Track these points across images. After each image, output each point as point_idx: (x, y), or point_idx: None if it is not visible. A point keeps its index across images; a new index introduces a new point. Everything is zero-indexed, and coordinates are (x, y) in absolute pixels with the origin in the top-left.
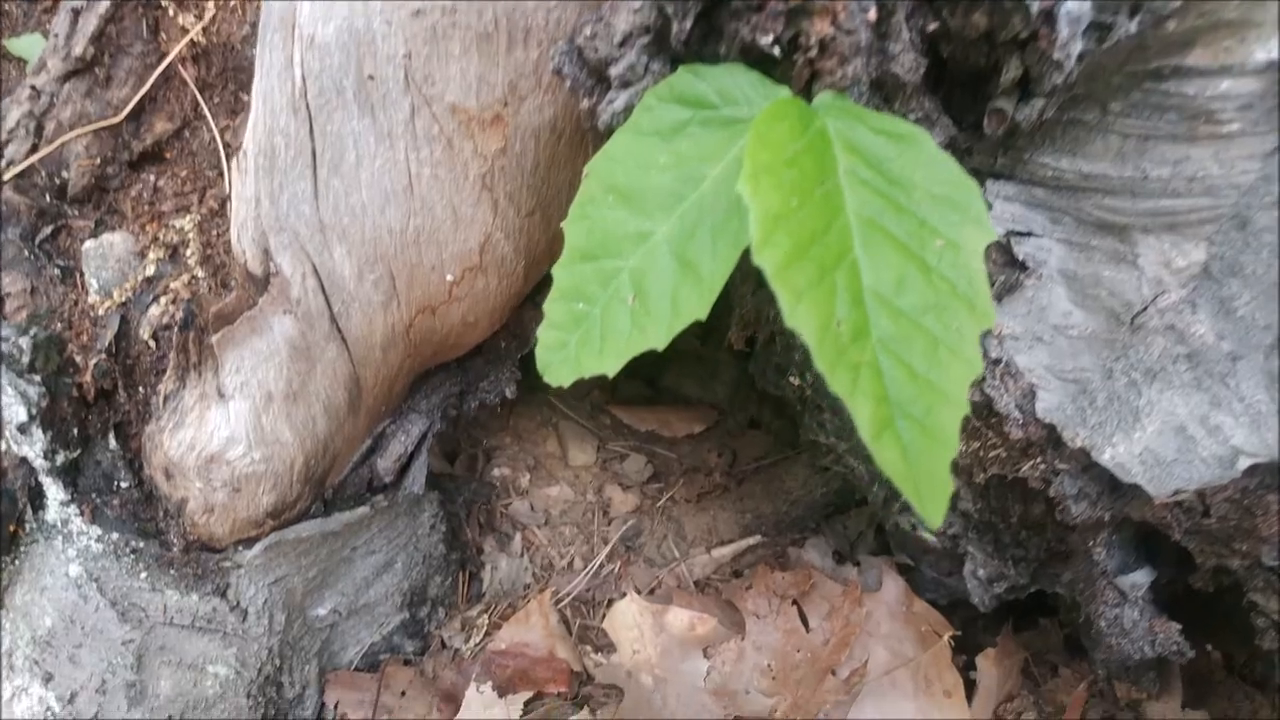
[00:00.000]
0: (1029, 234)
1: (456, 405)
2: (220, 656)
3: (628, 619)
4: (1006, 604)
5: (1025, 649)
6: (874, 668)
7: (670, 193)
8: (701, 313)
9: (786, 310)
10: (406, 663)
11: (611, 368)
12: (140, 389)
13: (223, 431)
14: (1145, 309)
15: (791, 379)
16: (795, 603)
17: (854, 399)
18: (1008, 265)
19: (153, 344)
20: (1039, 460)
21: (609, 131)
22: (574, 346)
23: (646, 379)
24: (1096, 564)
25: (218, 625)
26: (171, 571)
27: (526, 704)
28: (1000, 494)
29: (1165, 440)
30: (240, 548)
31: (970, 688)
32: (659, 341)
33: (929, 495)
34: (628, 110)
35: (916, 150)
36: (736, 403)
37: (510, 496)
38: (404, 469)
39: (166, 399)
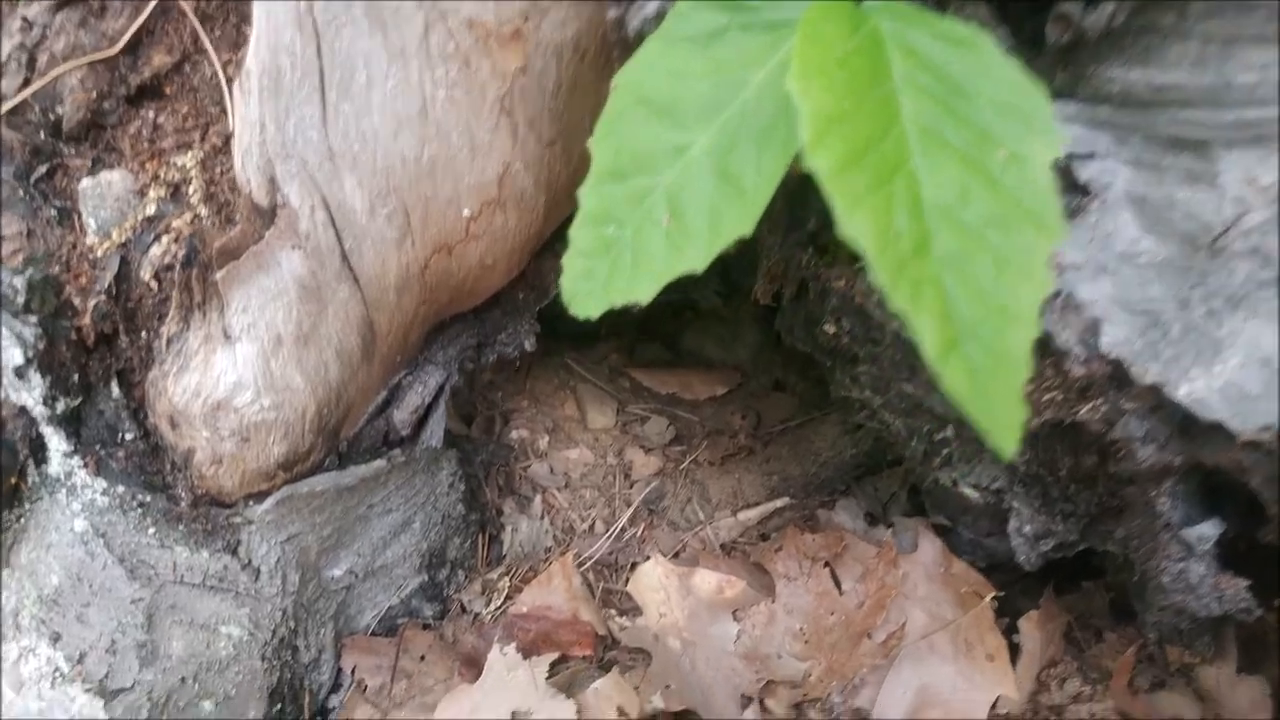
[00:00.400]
0: (1092, 156)
1: (474, 358)
2: (233, 617)
3: (653, 581)
4: (1048, 566)
5: (1068, 612)
6: (911, 631)
7: (708, 102)
8: (746, 228)
9: (843, 216)
10: (425, 627)
11: (645, 294)
12: (143, 334)
13: (230, 376)
14: (1226, 231)
15: (826, 327)
16: (827, 565)
17: (917, 317)
18: (1068, 190)
19: (155, 285)
20: (1100, 401)
21: (639, 40)
22: (603, 274)
23: (666, 342)
24: (1159, 516)
25: (229, 584)
26: (180, 527)
27: (552, 666)
28: (1050, 444)
29: (1250, 373)
30: (251, 502)
31: (1013, 652)
32: (698, 262)
33: (1000, 422)
34: (659, 17)
35: (977, 55)
36: (759, 365)
37: (529, 459)
38: (421, 422)
39: (170, 342)
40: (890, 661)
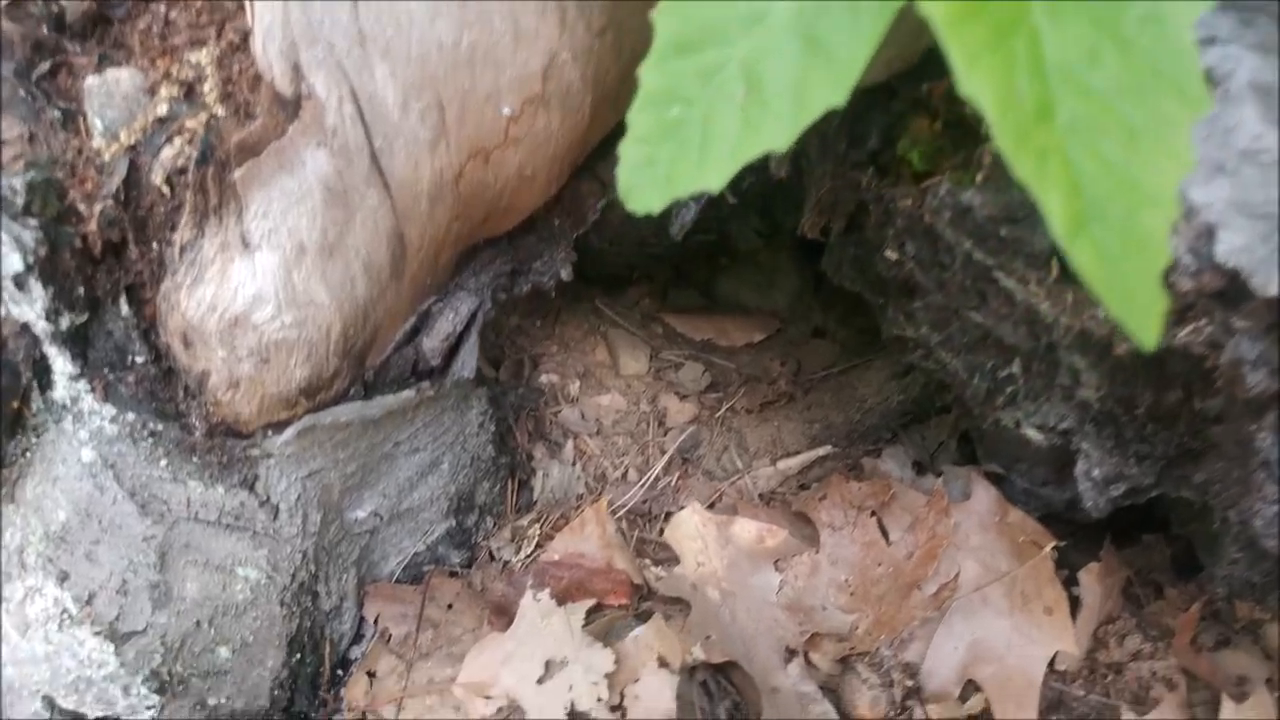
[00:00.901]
0: (1212, 41)
1: (507, 286)
2: (250, 558)
3: (690, 530)
4: (1104, 519)
5: (1127, 567)
6: (964, 583)
7: None
8: (838, 98)
9: (960, 73)
10: (452, 574)
11: (716, 180)
12: (154, 244)
13: (248, 289)
14: None
15: (888, 253)
16: (874, 514)
17: (1042, 191)
18: None
19: (167, 191)
20: (1205, 321)
21: None
22: (666, 160)
23: (700, 288)
24: (1255, 454)
25: (246, 522)
26: (194, 459)
27: (587, 615)
28: (1129, 378)
29: None
30: (270, 433)
31: (1071, 607)
32: (779, 141)
33: (1138, 309)
34: None
35: None
36: (798, 311)
37: (559, 404)
38: (452, 352)
39: (183, 250)
40: (941, 615)
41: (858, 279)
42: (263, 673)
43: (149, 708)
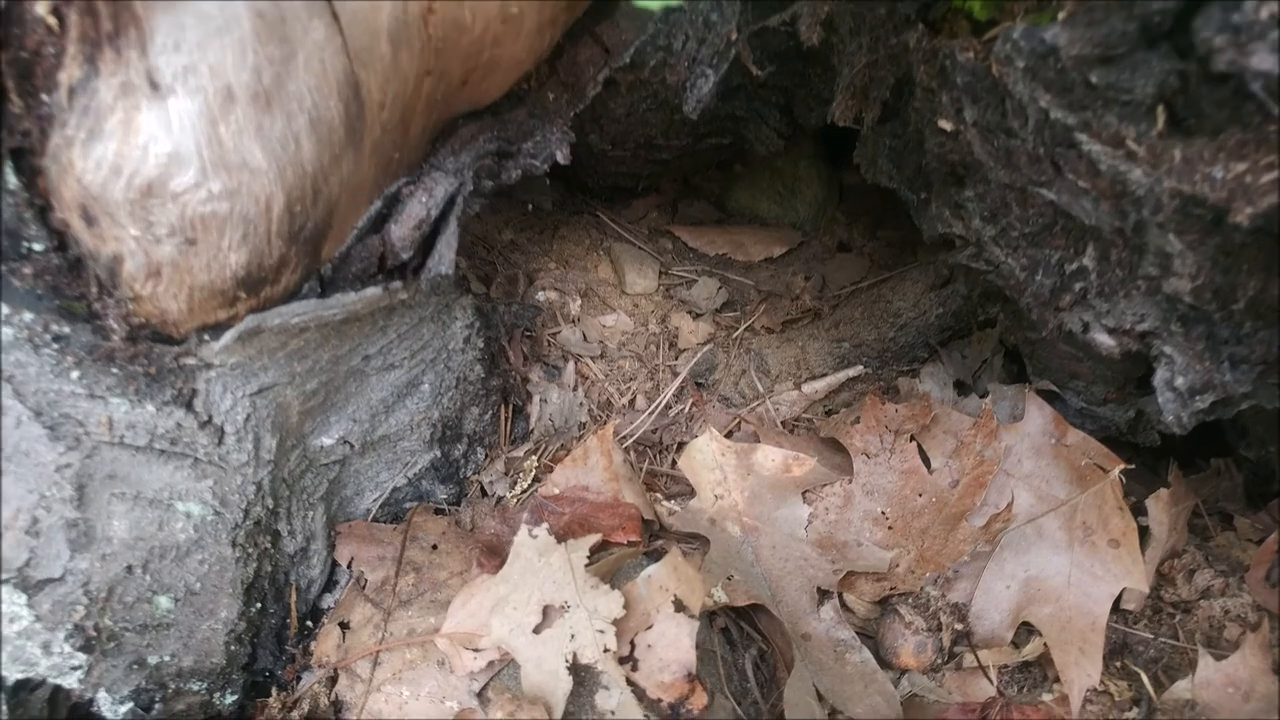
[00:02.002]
0: None
1: (494, 171)
2: (192, 491)
3: (707, 459)
4: (1167, 443)
5: (1193, 495)
6: (1017, 514)
7: None
8: None
9: None
10: (439, 512)
11: None
12: (43, 96)
13: (161, 145)
14: None
15: (942, 124)
16: (913, 439)
17: None
18: None
19: (54, 22)
20: None
21: None
22: None
23: (713, 199)
24: None
25: (185, 448)
26: (114, 370)
27: (592, 553)
28: (1234, 262)
29: None
30: (206, 337)
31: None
32: None
33: None
34: None
35: None
36: (821, 223)
37: (558, 324)
38: (427, 245)
39: (73, 93)
40: (995, 550)
41: (894, 174)
42: (214, 625)
43: (74, 668)
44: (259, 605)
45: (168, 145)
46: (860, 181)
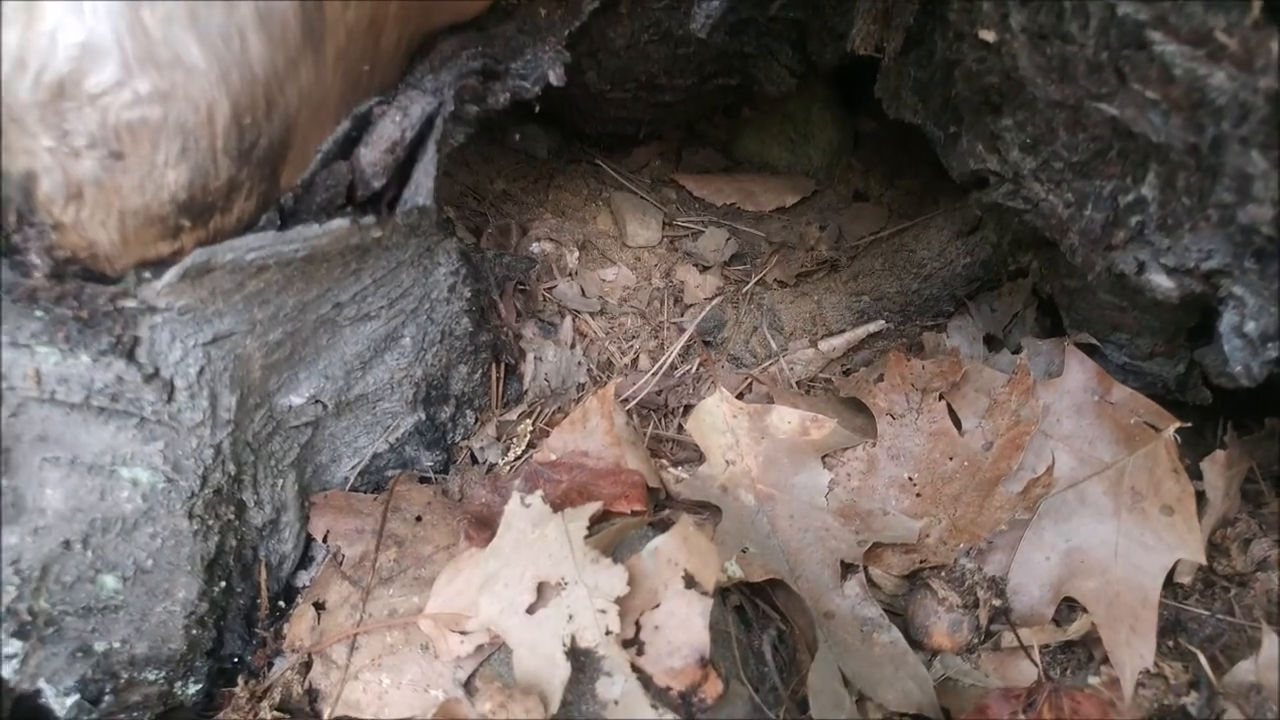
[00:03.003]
0: None
1: (479, 93)
2: (139, 455)
3: (717, 421)
4: (1217, 402)
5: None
6: (1057, 478)
7: None
8: None
9: None
10: (423, 480)
11: None
12: None
13: (72, 32)
14: None
15: (984, 34)
16: (941, 398)
17: None
18: None
19: None
20: None
21: None
22: None
23: (720, 146)
24: None
25: (129, 406)
26: (38, 313)
27: (592, 523)
28: None
29: None
30: (146, 274)
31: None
32: None
33: None
34: None
35: None
36: (836, 171)
37: (554, 277)
38: (402, 173)
39: None
40: (1035, 518)
41: (919, 108)
42: (171, 607)
43: (9, 656)
44: (223, 584)
45: (79, 33)
46: (876, 128)
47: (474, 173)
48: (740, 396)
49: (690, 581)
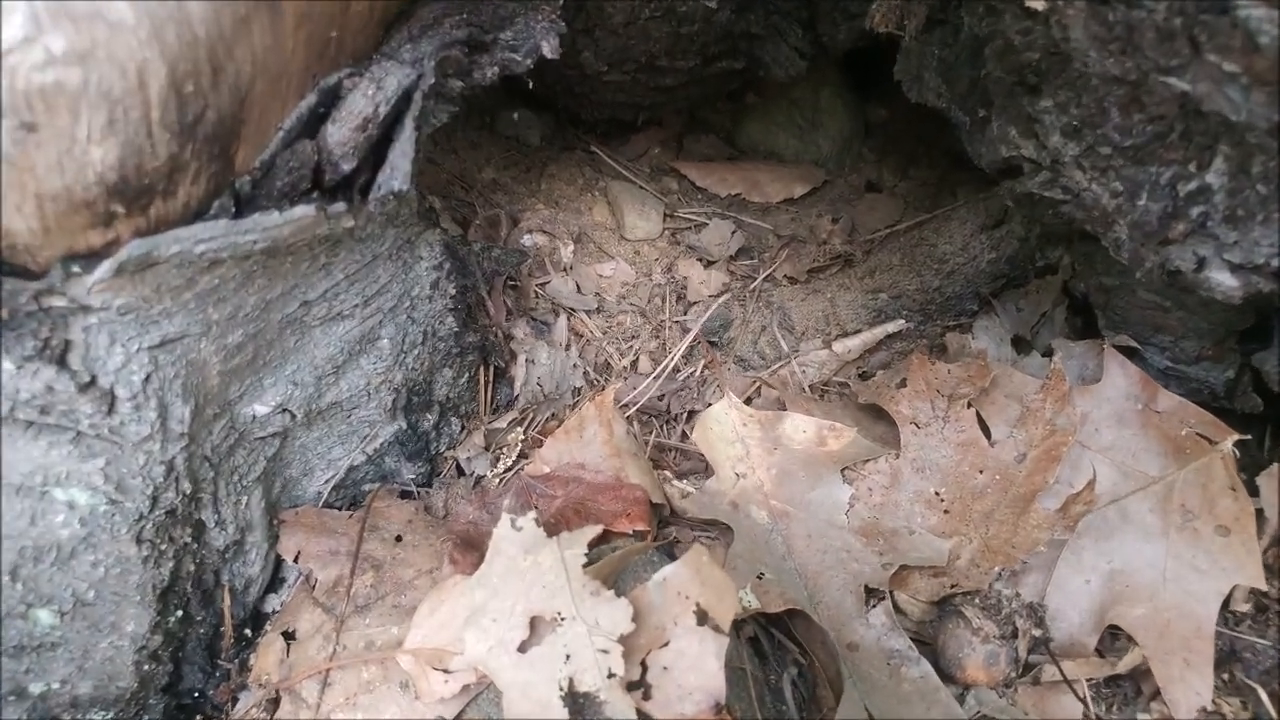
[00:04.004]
0: None
1: (463, 66)
2: (75, 474)
3: (725, 430)
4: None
5: None
6: (1098, 494)
7: None
8: None
9: None
10: (405, 495)
11: None
12: None
13: None
14: None
15: (1032, 2)
16: (969, 405)
17: None
18: None
19: None
20: None
21: None
22: None
23: (723, 134)
24: None
25: (62, 419)
26: None
27: (590, 548)
28: None
29: None
30: (75, 268)
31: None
32: None
33: None
34: None
35: None
36: (846, 161)
37: (547, 272)
38: (377, 155)
39: None
40: (1076, 538)
41: (943, 90)
42: (118, 642)
43: None
44: (180, 613)
45: None
46: (888, 116)
47: (461, 160)
48: (748, 402)
49: (703, 617)
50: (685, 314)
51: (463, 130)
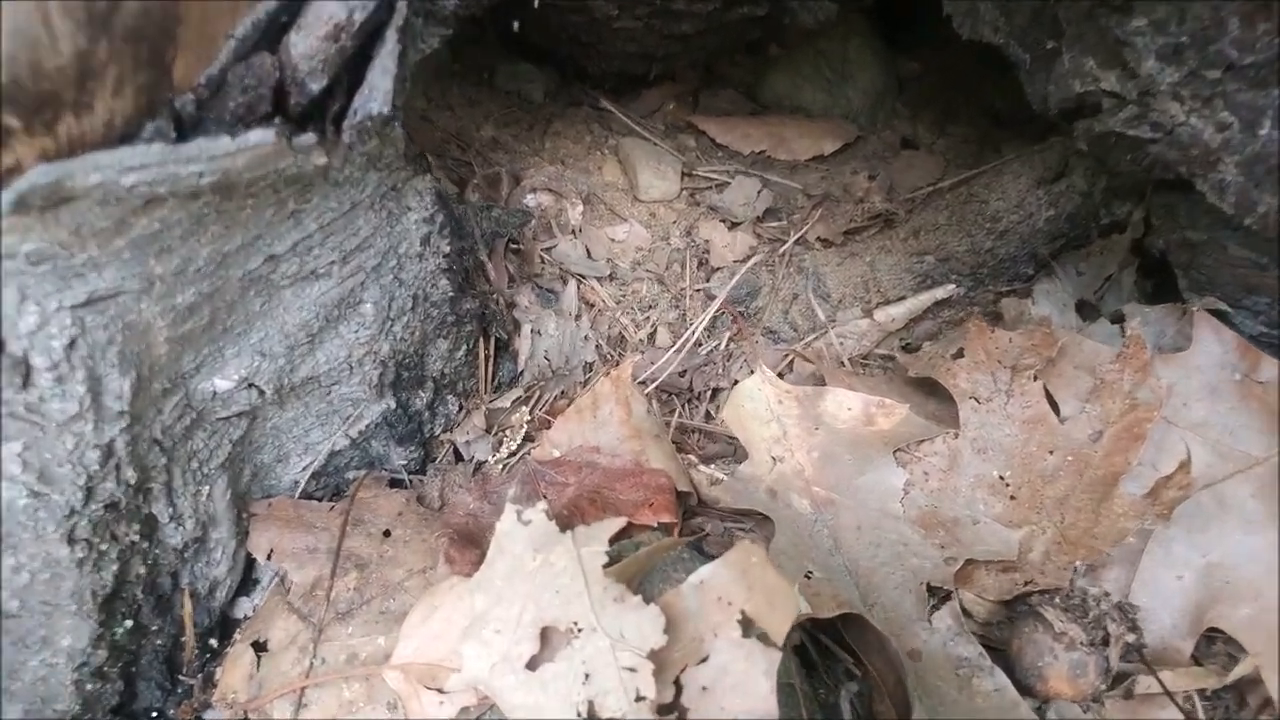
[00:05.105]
0: None
1: None
2: None
3: (759, 408)
4: None
5: None
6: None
7: None
8: None
9: None
10: (394, 484)
11: None
12: None
13: None
14: None
15: None
16: (1035, 378)
17: None
18: None
19: None
20: None
21: None
22: None
23: (744, 89)
24: None
25: None
26: None
27: (612, 543)
28: None
29: None
30: None
31: None
32: None
33: None
34: None
35: None
36: (879, 117)
37: (554, 236)
38: (353, 72)
39: None
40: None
41: (1001, 23)
42: (52, 659)
43: None
44: (129, 623)
45: None
46: (920, 69)
47: (457, 117)
48: (780, 377)
49: (749, 626)
50: (708, 281)
51: (459, 86)
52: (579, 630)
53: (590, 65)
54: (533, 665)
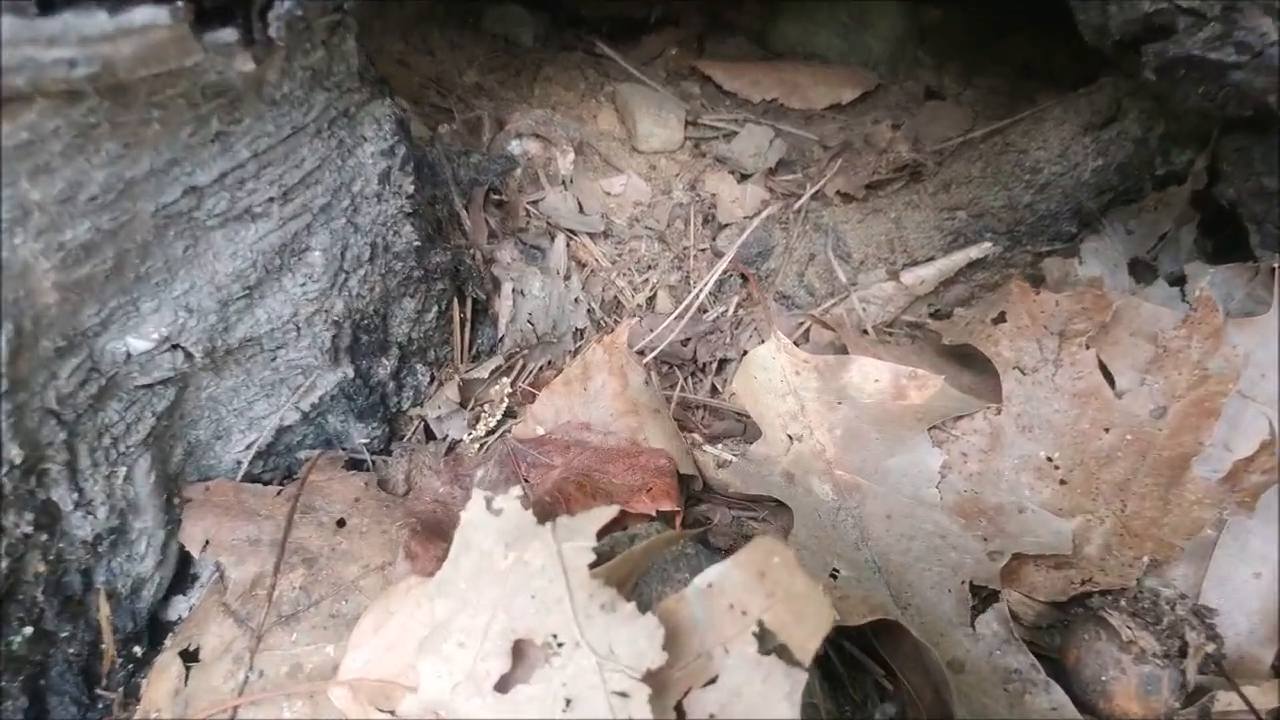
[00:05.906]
0: None
1: None
2: None
3: (773, 379)
4: None
5: None
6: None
7: None
8: None
9: None
10: (353, 465)
11: None
12: None
13: None
14: None
15: None
16: (1087, 346)
17: None
18: None
19: None
20: None
21: None
22: None
23: (753, 35)
24: None
25: None
26: None
27: (602, 535)
28: None
29: None
30: None
31: None
32: None
33: None
34: None
35: None
36: (900, 65)
37: (541, 188)
38: None
39: None
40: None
41: None
42: None
43: None
44: (28, 630)
45: None
46: (942, 17)
47: (438, 62)
48: (795, 345)
49: (767, 641)
50: (714, 239)
51: (441, 29)
52: (559, 645)
53: (585, 9)
54: (503, 687)
